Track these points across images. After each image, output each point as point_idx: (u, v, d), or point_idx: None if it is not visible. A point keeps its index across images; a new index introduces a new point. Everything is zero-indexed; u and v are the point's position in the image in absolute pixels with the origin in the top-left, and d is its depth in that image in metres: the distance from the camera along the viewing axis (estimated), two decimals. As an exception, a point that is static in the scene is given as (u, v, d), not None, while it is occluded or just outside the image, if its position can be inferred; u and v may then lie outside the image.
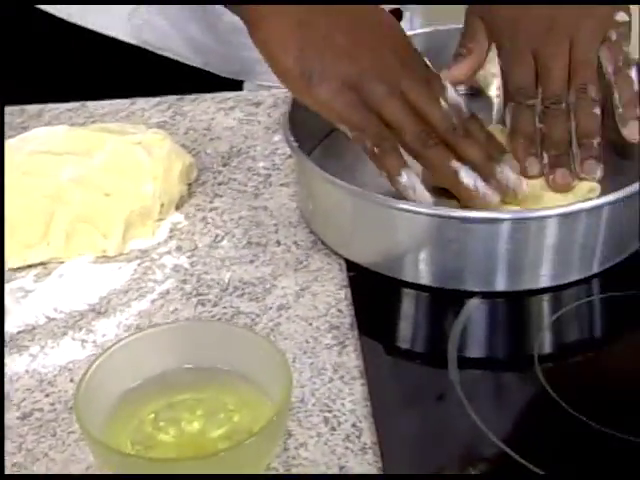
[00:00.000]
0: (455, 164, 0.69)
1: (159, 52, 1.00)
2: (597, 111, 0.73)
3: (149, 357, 0.59)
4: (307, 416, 0.61)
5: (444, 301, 0.70)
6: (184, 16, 0.98)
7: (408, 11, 1.02)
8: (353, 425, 0.60)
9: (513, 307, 0.70)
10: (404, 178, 0.68)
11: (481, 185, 0.69)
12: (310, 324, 0.67)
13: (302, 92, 0.69)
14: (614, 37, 0.75)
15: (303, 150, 0.73)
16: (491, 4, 0.79)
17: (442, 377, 0.64)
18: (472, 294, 0.69)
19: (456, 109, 0.70)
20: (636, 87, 0.75)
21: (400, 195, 0.69)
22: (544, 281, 0.69)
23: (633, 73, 0.75)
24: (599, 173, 0.72)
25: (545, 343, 0.67)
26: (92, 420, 0.55)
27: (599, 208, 0.68)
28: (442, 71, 0.77)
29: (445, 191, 0.71)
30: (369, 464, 0.58)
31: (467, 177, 0.69)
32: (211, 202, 0.79)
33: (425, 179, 0.70)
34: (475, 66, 0.79)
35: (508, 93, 0.76)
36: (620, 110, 0.74)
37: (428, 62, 0.73)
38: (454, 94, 0.71)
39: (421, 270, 0.70)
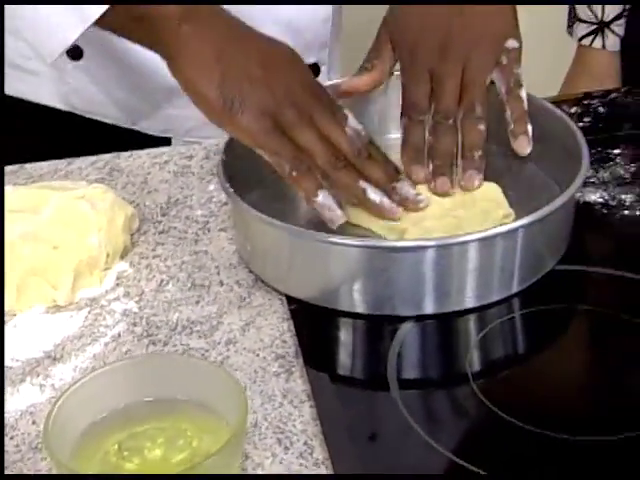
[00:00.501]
0: (362, 183, 0.77)
1: (88, 115, 1.04)
2: (482, 127, 0.82)
3: (110, 392, 0.63)
4: (262, 438, 0.65)
5: (379, 327, 0.74)
6: (109, 79, 1.02)
7: (324, 65, 1.09)
8: (305, 443, 0.64)
9: (443, 328, 0.75)
10: (320, 198, 0.75)
11: (386, 201, 0.77)
12: (257, 355, 0.72)
13: (224, 120, 0.75)
14: (505, 61, 0.84)
15: (238, 195, 0.79)
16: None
17: (385, 398, 0.68)
18: (404, 319, 0.74)
19: (357, 135, 0.78)
20: (525, 106, 0.83)
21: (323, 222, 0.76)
22: (469, 302, 0.75)
23: (523, 93, 0.84)
24: (477, 182, 0.82)
25: (475, 359, 0.73)
26: (60, 455, 0.59)
27: (514, 231, 0.74)
28: (344, 80, 0.86)
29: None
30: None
31: (374, 194, 0.77)
32: (154, 250, 0.83)
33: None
34: (376, 80, 0.87)
35: (403, 107, 0.85)
36: (512, 126, 0.83)
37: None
38: (355, 122, 0.78)
39: (356, 299, 0.75)
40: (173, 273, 0.80)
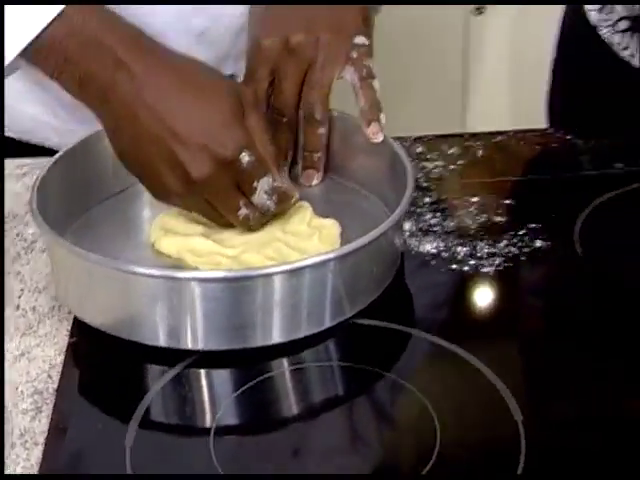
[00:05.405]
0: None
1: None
2: (321, 131, 0.83)
3: None
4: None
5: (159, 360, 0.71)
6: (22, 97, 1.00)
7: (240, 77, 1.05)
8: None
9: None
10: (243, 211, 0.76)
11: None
12: (16, 389, 0.69)
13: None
14: (355, 55, 0.82)
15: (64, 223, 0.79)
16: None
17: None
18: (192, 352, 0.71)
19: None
20: (378, 95, 0.81)
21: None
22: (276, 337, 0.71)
23: (376, 84, 0.81)
24: (315, 181, 0.85)
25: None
26: None
27: (325, 263, 0.70)
28: None
29: None
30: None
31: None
32: (-33, 266, 0.81)
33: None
34: None
35: None
36: (363, 113, 0.80)
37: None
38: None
39: (146, 331, 0.71)
40: (-25, 293, 0.78)
